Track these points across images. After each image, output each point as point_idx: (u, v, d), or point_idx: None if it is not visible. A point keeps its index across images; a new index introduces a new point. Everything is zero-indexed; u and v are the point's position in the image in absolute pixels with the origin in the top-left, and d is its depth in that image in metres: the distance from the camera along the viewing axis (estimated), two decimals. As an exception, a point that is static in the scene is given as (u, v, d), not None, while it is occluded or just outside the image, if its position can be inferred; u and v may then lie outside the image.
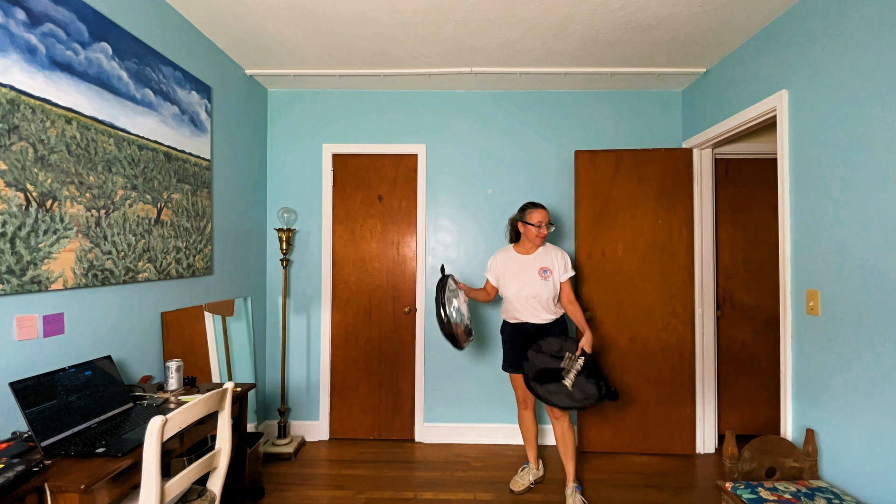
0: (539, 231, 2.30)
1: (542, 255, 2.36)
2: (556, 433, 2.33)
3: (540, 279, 2.31)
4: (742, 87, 2.41)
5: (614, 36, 2.39)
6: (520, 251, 2.40)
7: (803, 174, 1.97)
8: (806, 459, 1.82)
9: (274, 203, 3.14)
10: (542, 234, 2.31)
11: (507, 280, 2.38)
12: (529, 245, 2.38)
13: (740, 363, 3.12)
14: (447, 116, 3.12)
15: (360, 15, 2.22)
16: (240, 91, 2.79)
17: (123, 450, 1.29)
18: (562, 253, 2.38)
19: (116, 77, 1.78)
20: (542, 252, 2.37)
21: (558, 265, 2.34)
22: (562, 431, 2.31)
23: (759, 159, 3.11)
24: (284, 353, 2.98)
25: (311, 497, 2.37)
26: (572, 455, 2.33)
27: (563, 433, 2.32)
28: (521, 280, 2.34)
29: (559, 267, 2.34)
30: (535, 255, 2.36)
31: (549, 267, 2.33)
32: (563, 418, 2.30)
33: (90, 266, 1.66)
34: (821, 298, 1.86)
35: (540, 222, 2.30)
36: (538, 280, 2.31)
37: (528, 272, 2.33)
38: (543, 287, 2.31)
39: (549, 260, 2.34)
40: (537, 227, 2.30)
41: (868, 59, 1.66)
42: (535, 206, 2.35)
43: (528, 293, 2.32)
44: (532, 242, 2.36)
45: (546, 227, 2.31)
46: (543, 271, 2.32)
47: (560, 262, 2.35)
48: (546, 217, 2.32)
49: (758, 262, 3.11)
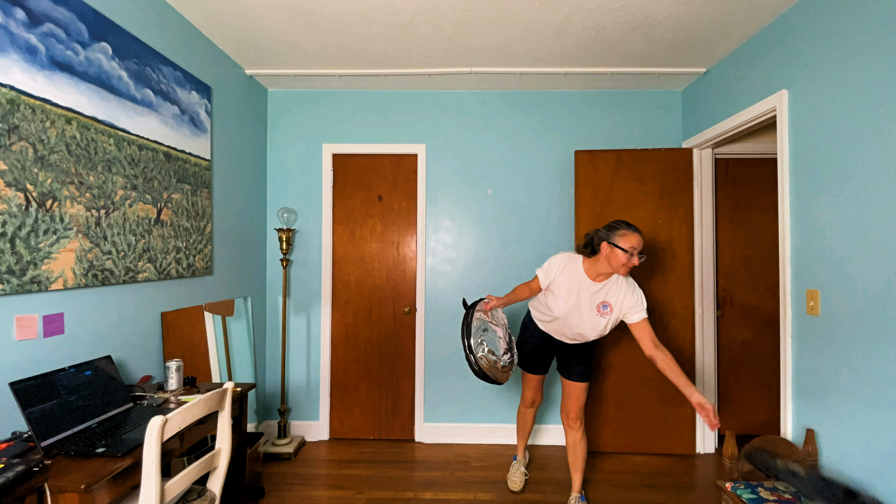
0: (630, 260, 1.87)
1: (613, 288, 1.98)
2: (569, 442, 2.24)
3: (596, 314, 1.98)
4: (742, 87, 2.41)
5: (614, 36, 2.39)
6: (589, 273, 1.99)
7: (803, 174, 1.97)
8: (806, 459, 1.82)
9: (274, 203, 3.14)
10: (632, 265, 1.89)
11: (558, 295, 2.03)
12: (607, 271, 1.96)
13: (740, 363, 3.12)
14: (447, 116, 3.12)
15: (359, 15, 2.22)
16: (240, 91, 2.79)
17: (123, 450, 1.29)
18: (638, 293, 1.97)
19: (116, 77, 1.78)
20: (613, 285, 1.98)
21: (627, 303, 1.95)
22: (574, 441, 2.22)
23: (759, 159, 3.11)
24: (284, 353, 2.98)
25: (311, 497, 2.37)
26: (581, 467, 2.24)
27: (575, 443, 2.22)
28: (575, 306, 2.00)
29: (628, 306, 1.94)
30: (604, 286, 1.98)
31: (611, 303, 1.97)
32: (577, 427, 2.19)
33: (90, 266, 1.66)
34: (821, 298, 1.86)
35: (633, 248, 1.87)
36: (594, 315, 1.98)
37: (587, 302, 1.99)
38: (596, 323, 1.99)
39: (616, 295, 1.97)
40: (628, 255, 1.87)
41: (868, 58, 1.66)
42: (631, 228, 1.90)
43: (575, 322, 2.02)
44: (614, 270, 1.93)
45: (638, 256, 1.88)
46: (603, 306, 1.97)
47: (631, 300, 1.95)
48: (641, 244, 1.89)
49: (758, 262, 3.11)
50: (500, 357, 2.06)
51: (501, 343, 2.13)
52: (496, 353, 2.04)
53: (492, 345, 2.05)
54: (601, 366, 2.89)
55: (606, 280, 1.99)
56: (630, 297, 1.95)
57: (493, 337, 2.09)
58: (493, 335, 2.11)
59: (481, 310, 2.14)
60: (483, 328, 2.08)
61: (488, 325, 2.12)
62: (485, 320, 2.13)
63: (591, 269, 1.98)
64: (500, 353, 2.08)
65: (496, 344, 2.07)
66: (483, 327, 2.08)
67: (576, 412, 2.21)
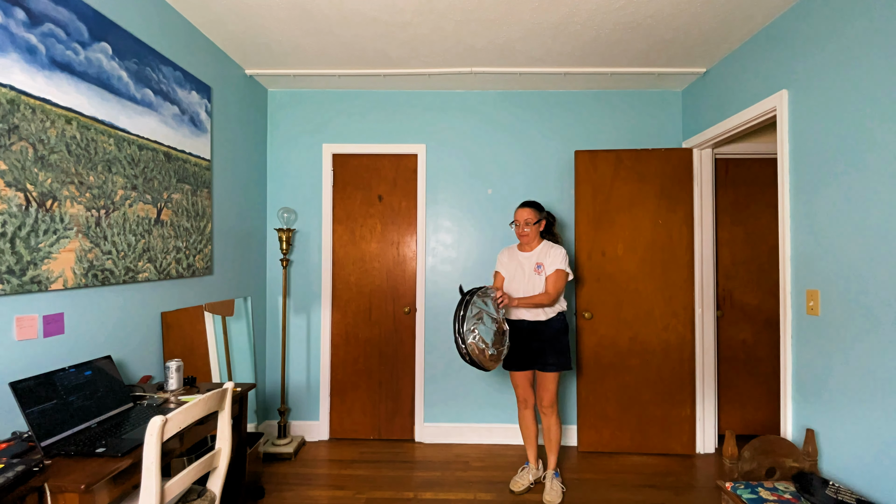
0: (516, 229, 2.42)
1: (540, 252, 2.41)
2: (544, 426, 2.43)
3: (535, 275, 2.37)
4: (742, 87, 2.41)
5: (614, 36, 2.39)
6: (521, 248, 2.48)
7: (803, 174, 1.97)
8: (806, 459, 1.81)
9: (274, 203, 3.14)
10: (518, 233, 2.41)
11: (508, 276, 2.45)
12: (525, 241, 2.45)
13: (740, 363, 3.12)
14: (447, 116, 3.12)
15: (360, 15, 2.22)
16: (240, 91, 2.79)
17: (123, 450, 1.29)
18: (560, 251, 2.38)
19: (116, 77, 1.78)
20: (540, 249, 2.42)
21: (550, 260, 2.38)
22: (549, 425, 2.42)
23: (759, 159, 3.11)
24: (284, 353, 2.98)
25: (311, 497, 2.37)
26: (555, 448, 2.43)
27: (549, 427, 2.42)
28: (518, 276, 2.41)
29: (550, 261, 2.37)
30: (534, 252, 2.42)
31: (542, 262, 2.38)
32: (550, 413, 2.40)
33: (90, 266, 1.66)
34: (821, 298, 1.86)
35: (515, 221, 2.41)
36: (533, 276, 2.37)
37: (526, 268, 2.41)
38: (537, 283, 2.36)
39: (544, 256, 2.39)
40: (515, 225, 2.43)
41: (868, 58, 1.66)
42: (521, 205, 2.45)
43: (522, 289, 2.38)
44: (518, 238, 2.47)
45: (525, 225, 2.38)
46: (538, 266, 2.38)
47: (553, 257, 2.37)
48: (523, 216, 2.38)
49: (758, 262, 3.11)
50: (489, 346, 2.15)
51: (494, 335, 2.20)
52: (486, 342, 2.14)
53: (484, 334, 2.14)
54: (601, 365, 2.89)
55: (535, 247, 2.43)
56: (555, 254, 2.37)
57: (487, 329, 2.16)
58: (488, 327, 2.16)
59: (484, 297, 2.20)
60: (478, 317, 2.15)
61: (485, 315, 2.18)
62: (484, 310, 2.18)
63: (520, 246, 2.48)
64: (490, 343, 2.16)
65: (489, 335, 2.16)
66: (478, 316, 2.15)
67: (549, 401, 2.38)
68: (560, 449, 2.85)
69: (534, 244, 2.43)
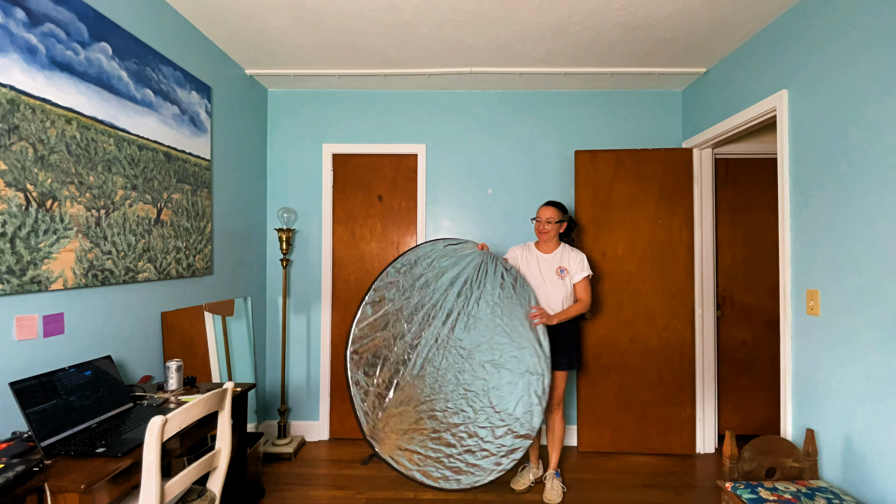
0: (536, 225, 2.42)
1: (562, 256, 2.41)
2: (549, 424, 2.44)
3: (557, 279, 2.36)
4: (742, 87, 2.41)
5: (614, 36, 2.39)
6: (539, 247, 2.46)
7: (803, 174, 1.97)
8: (806, 459, 1.81)
9: (274, 203, 3.14)
10: (539, 230, 2.41)
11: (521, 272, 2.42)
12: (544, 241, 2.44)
13: (740, 363, 3.12)
14: (447, 116, 3.12)
15: (360, 14, 2.22)
16: (240, 91, 2.79)
17: (123, 450, 1.29)
18: (582, 255, 2.41)
19: (116, 77, 1.78)
20: (561, 252, 2.42)
21: (576, 266, 2.38)
22: (553, 423, 2.43)
23: (759, 159, 3.11)
24: (284, 353, 2.98)
25: (311, 497, 2.37)
26: (559, 447, 2.43)
27: (554, 424, 2.43)
28: (534, 275, 2.40)
29: (575, 267, 2.38)
30: (555, 255, 2.41)
31: (566, 268, 2.37)
32: (557, 411, 2.41)
33: (90, 266, 1.66)
34: (821, 298, 1.86)
35: (538, 217, 2.42)
36: (556, 279, 2.37)
37: (544, 269, 2.40)
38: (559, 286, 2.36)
39: (567, 261, 2.39)
40: (536, 222, 2.43)
41: (868, 58, 1.66)
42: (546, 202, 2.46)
43: (538, 288, 2.38)
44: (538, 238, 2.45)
45: (546, 223, 2.38)
46: (561, 271, 2.37)
47: (578, 263, 2.39)
48: (546, 214, 2.39)
49: (758, 262, 3.11)
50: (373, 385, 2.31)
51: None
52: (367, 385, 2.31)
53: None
54: (601, 365, 2.89)
55: (555, 249, 2.43)
56: (576, 259, 2.39)
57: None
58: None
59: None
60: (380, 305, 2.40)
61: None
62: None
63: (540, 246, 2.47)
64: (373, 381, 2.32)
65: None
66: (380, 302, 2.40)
67: (558, 399, 2.40)
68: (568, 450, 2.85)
69: (552, 245, 2.42)
